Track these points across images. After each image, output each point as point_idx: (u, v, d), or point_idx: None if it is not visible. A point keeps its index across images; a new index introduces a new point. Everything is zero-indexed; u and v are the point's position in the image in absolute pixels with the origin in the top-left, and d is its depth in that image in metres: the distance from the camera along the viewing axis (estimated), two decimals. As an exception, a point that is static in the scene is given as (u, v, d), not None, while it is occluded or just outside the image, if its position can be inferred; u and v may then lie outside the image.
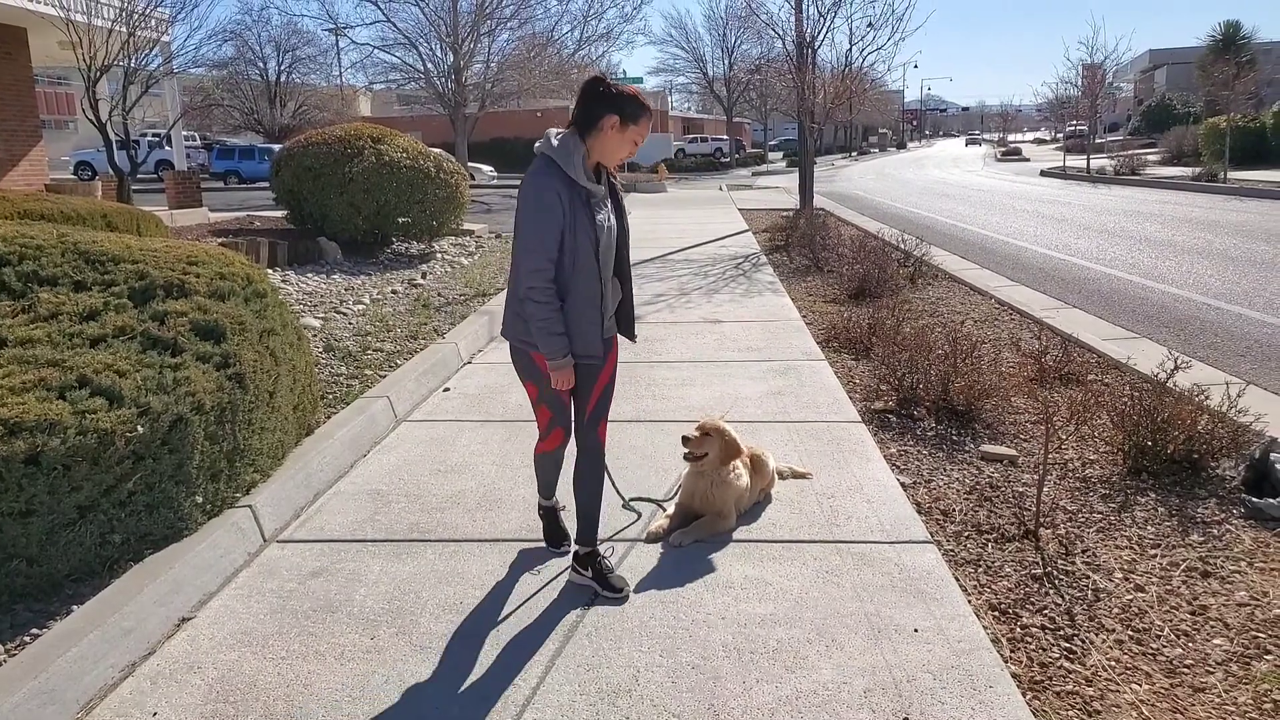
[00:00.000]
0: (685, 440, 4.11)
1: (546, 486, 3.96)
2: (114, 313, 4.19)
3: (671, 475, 4.71)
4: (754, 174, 46.17)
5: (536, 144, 3.32)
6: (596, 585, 3.59)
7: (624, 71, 56.22)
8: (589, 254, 3.31)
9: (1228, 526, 4.18)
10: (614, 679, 3.03)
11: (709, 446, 4.10)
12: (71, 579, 3.49)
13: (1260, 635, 3.29)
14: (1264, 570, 3.77)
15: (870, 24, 17.29)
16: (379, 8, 33.18)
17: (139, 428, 3.57)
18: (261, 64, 47.41)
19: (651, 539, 4.04)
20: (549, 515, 4.02)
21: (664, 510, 4.30)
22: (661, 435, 5.35)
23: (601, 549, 3.70)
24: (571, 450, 3.70)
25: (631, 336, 3.71)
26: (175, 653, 3.24)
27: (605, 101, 3.28)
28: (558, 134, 3.31)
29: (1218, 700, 2.95)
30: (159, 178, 28.09)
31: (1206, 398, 4.85)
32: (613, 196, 3.49)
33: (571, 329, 3.34)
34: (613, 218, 3.45)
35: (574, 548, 3.71)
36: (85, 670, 3.00)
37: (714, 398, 6.19)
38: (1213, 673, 3.09)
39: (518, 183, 3.49)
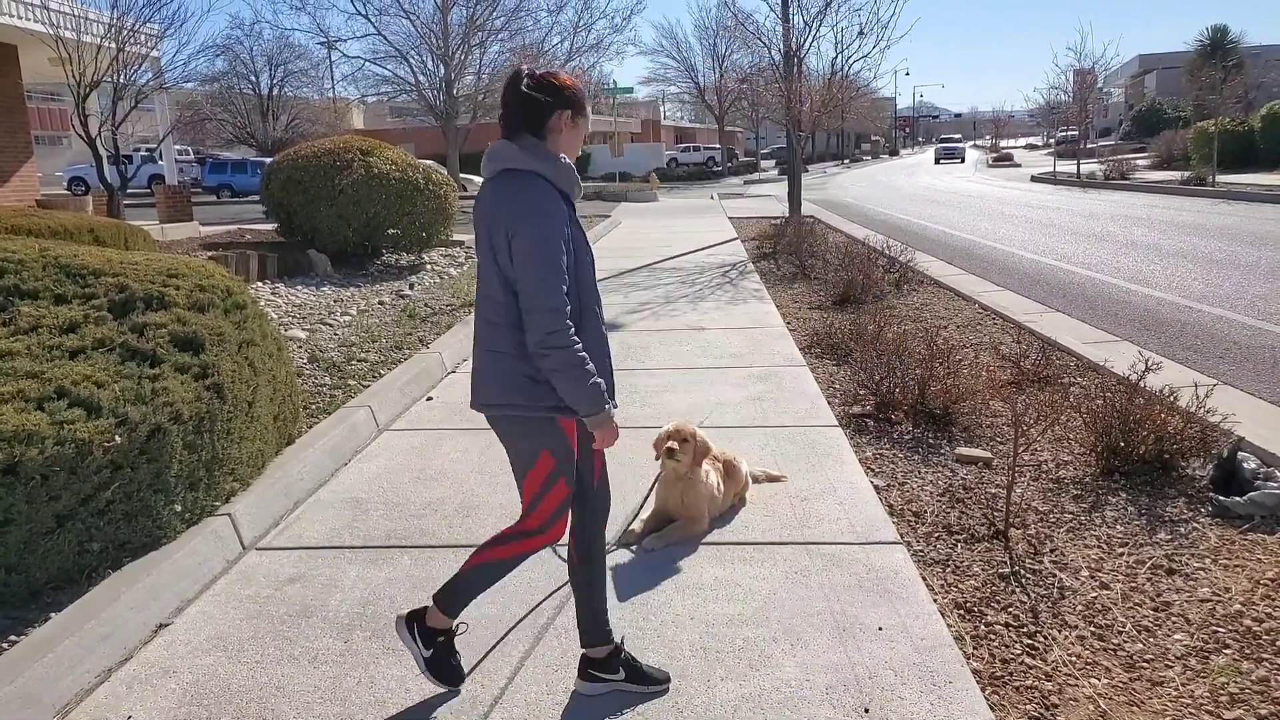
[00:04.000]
0: (670, 452, 4.11)
1: (467, 596, 3.06)
2: (93, 325, 4.25)
3: (649, 481, 4.75)
4: (746, 182, 46.29)
5: (497, 165, 2.75)
6: (632, 685, 3.00)
7: (615, 81, 56.43)
8: (592, 276, 2.81)
9: (1195, 525, 4.24)
10: (582, 679, 3.08)
11: (685, 450, 4.14)
12: (50, 587, 3.54)
13: (1220, 630, 3.35)
14: (1227, 567, 3.83)
15: (861, 31, 17.40)
16: (370, 21, 33.31)
17: (117, 437, 3.63)
18: (254, 78, 47.44)
19: (624, 544, 4.09)
20: (448, 644, 3.07)
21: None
22: (641, 442, 5.37)
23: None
24: None
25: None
26: (151, 658, 3.29)
27: (549, 96, 2.73)
28: (519, 147, 2.72)
29: (1174, 693, 3.00)
30: (152, 192, 28.13)
31: (1176, 398, 4.91)
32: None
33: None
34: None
35: (584, 653, 3.04)
36: (62, 675, 3.06)
37: (695, 404, 6.25)
38: (1171, 666, 3.15)
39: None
